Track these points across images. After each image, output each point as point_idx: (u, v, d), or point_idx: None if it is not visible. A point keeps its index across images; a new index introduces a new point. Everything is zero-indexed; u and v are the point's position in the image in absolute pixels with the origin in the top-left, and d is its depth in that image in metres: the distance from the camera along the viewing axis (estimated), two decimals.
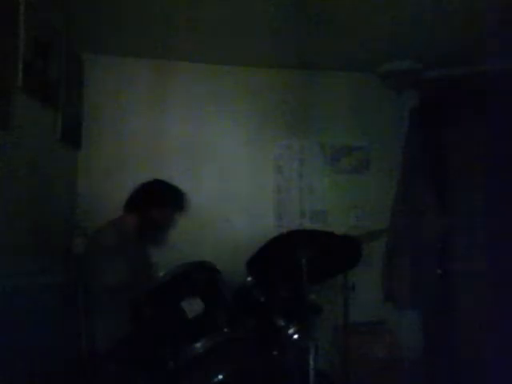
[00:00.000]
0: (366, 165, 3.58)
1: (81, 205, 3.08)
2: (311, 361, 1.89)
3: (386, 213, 3.42)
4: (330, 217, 3.49)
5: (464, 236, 3.42)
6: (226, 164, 3.40)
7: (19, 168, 2.26)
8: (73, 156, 3.10)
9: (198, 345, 1.79)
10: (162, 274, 1.93)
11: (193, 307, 1.85)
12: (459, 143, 3.48)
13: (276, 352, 2.22)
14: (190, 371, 1.81)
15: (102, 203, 2.91)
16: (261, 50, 3.24)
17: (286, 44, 3.12)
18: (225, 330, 1.90)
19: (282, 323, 2.21)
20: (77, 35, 2.90)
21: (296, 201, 3.49)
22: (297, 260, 2.00)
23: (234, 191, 3.37)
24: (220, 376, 1.79)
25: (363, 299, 2.99)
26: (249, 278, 2.35)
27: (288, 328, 2.18)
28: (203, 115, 3.40)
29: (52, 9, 2.53)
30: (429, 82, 3.45)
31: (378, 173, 3.57)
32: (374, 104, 3.60)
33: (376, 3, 2.60)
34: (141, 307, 1.90)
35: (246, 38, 3.05)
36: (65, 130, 2.81)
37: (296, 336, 2.16)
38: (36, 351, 2.25)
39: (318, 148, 3.54)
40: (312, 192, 3.52)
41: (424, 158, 3.41)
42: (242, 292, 2.33)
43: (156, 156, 3.27)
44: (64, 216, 2.90)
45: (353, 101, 3.59)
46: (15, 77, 2.18)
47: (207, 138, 3.39)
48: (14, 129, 2.16)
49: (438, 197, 3.39)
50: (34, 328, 2.25)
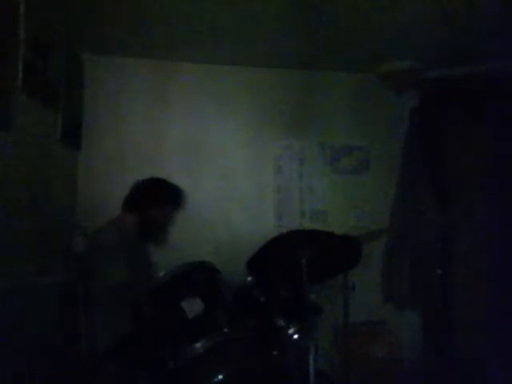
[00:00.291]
0: (366, 165, 3.58)
1: (81, 205, 3.08)
2: (311, 361, 1.89)
3: (386, 213, 3.43)
4: (330, 217, 3.50)
5: (464, 236, 3.42)
6: (226, 164, 3.40)
7: (19, 168, 2.26)
8: (73, 156, 3.10)
9: (198, 345, 1.79)
10: (162, 274, 1.93)
11: (193, 307, 1.85)
12: (459, 143, 3.47)
13: (276, 352, 2.22)
14: (190, 371, 1.81)
15: (102, 203, 2.92)
16: (261, 50, 3.24)
17: (286, 44, 3.12)
18: (225, 330, 1.90)
19: (282, 323, 2.21)
20: (77, 35, 2.91)
21: (296, 201, 3.49)
22: (297, 260, 2.00)
23: (234, 191, 3.37)
24: (220, 376, 1.79)
25: (363, 299, 2.98)
26: (249, 278, 2.35)
27: (288, 328, 2.18)
28: (203, 115, 3.40)
29: (52, 9, 2.53)
30: (429, 82, 3.45)
31: (378, 173, 3.57)
32: (374, 104, 3.60)
33: (376, 3, 2.61)
34: (141, 307, 1.90)
35: (246, 38, 3.05)
36: (65, 130, 2.81)
37: (296, 336, 2.16)
38: (36, 351, 2.25)
39: (318, 148, 3.54)
40: (312, 192, 3.52)
41: (424, 158, 3.42)
42: (242, 292, 2.33)
43: (156, 156, 3.27)
44: (64, 216, 2.90)
45: (353, 101, 3.59)
46: (15, 77, 2.18)
47: (207, 138, 3.39)
48: (14, 129, 2.16)
49: (438, 197, 3.39)
50: (34, 328, 2.25)
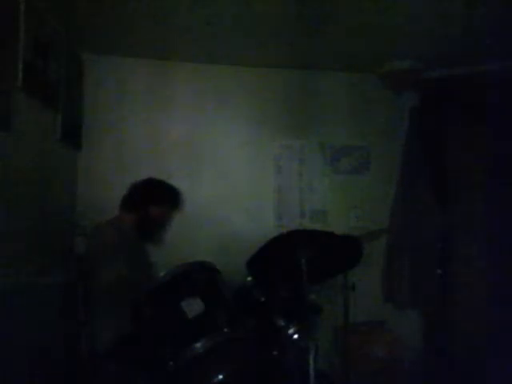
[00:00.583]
0: (366, 165, 3.58)
1: (81, 205, 3.08)
2: (311, 361, 1.89)
3: (386, 213, 3.43)
4: (330, 217, 3.50)
5: (464, 236, 3.42)
6: (226, 164, 3.40)
7: (19, 168, 2.26)
8: (73, 156, 3.10)
9: (198, 345, 1.79)
10: (162, 274, 1.93)
11: (193, 307, 1.84)
12: (459, 143, 3.48)
13: (276, 352, 2.22)
14: (190, 371, 1.81)
15: (102, 203, 2.91)
16: (261, 50, 3.23)
17: (286, 44, 3.12)
18: (225, 330, 1.89)
19: (282, 323, 2.21)
20: (77, 35, 2.91)
21: (296, 201, 3.49)
22: (297, 260, 2.00)
23: (234, 191, 3.37)
24: (220, 376, 1.79)
25: (363, 299, 2.98)
26: (249, 278, 2.35)
27: (288, 328, 2.18)
28: (203, 115, 3.40)
29: (52, 9, 2.53)
30: (429, 82, 3.45)
31: (378, 173, 3.57)
32: (374, 104, 3.60)
33: (376, 3, 2.61)
34: (141, 307, 1.90)
35: (246, 38, 3.05)
36: (65, 130, 2.81)
37: (296, 336, 2.16)
38: (36, 351, 2.25)
39: (318, 148, 3.54)
40: (312, 192, 3.51)
41: (424, 158, 3.41)
42: (242, 292, 2.33)
43: (156, 156, 3.27)
44: (64, 216, 2.91)
45: (353, 101, 3.59)
46: (15, 77, 2.18)
47: (207, 138, 3.39)
48: (14, 129, 2.16)
49: (438, 197, 3.39)
50: (34, 328, 2.25)
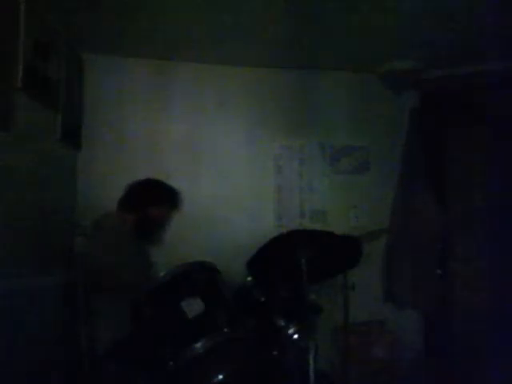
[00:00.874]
0: (366, 165, 3.57)
1: (81, 205, 3.08)
2: (311, 361, 1.89)
3: (386, 213, 3.43)
4: (330, 217, 3.49)
5: (464, 236, 3.42)
6: (226, 164, 3.40)
7: (19, 168, 2.26)
8: (73, 156, 3.10)
9: (198, 345, 1.79)
10: (162, 274, 1.93)
11: (193, 307, 1.85)
12: (459, 143, 3.48)
13: (276, 352, 2.22)
14: (190, 371, 1.81)
15: (102, 203, 2.91)
16: (261, 50, 3.23)
17: (286, 44, 3.11)
18: (225, 330, 1.90)
19: (282, 323, 2.21)
20: (77, 35, 2.91)
21: (296, 201, 3.49)
22: (297, 260, 2.00)
23: (234, 191, 3.37)
24: (220, 376, 1.79)
25: (363, 299, 2.98)
26: (249, 278, 2.35)
27: (288, 328, 2.18)
28: (203, 115, 3.40)
29: (52, 9, 2.53)
30: (429, 82, 3.45)
31: (378, 173, 3.56)
32: (374, 104, 3.59)
33: (376, 3, 2.60)
34: (141, 307, 1.91)
35: (246, 38, 3.05)
36: (65, 130, 2.81)
37: (296, 336, 2.16)
38: (36, 351, 2.25)
39: (318, 148, 3.53)
40: (312, 192, 3.51)
41: (424, 158, 3.41)
42: (242, 292, 2.33)
43: (156, 156, 3.27)
44: (64, 216, 2.90)
45: (353, 101, 3.59)
46: (15, 77, 2.19)
47: (207, 138, 3.39)
48: (14, 129, 2.16)
49: (438, 197, 3.39)
50: (34, 328, 2.25)
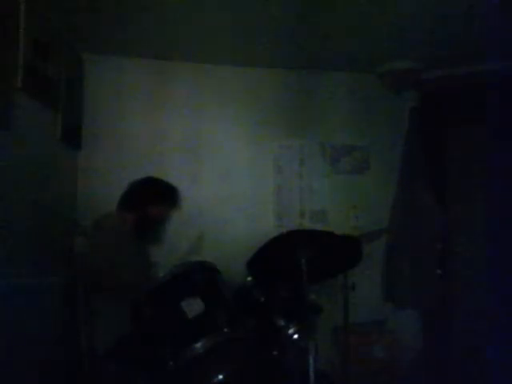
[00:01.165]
0: (366, 165, 3.58)
1: (81, 205, 3.08)
2: (311, 361, 1.89)
3: (386, 213, 3.43)
4: (330, 217, 3.49)
5: (464, 236, 3.42)
6: (226, 164, 3.40)
7: (19, 168, 2.26)
8: (73, 156, 3.10)
9: (198, 345, 1.79)
10: (162, 274, 1.93)
11: (193, 307, 1.85)
12: (459, 143, 3.48)
13: (276, 352, 2.22)
14: (190, 371, 1.81)
15: (102, 203, 2.91)
16: (261, 50, 3.23)
17: (286, 44, 3.11)
18: (225, 330, 1.90)
19: (282, 323, 2.21)
20: (77, 35, 2.91)
21: (296, 201, 3.49)
22: (297, 260, 2.00)
23: (234, 191, 3.37)
24: (220, 376, 1.80)
25: (363, 299, 2.98)
26: (249, 278, 2.35)
27: (288, 328, 2.18)
28: (203, 115, 3.39)
29: (52, 9, 2.53)
30: (429, 82, 3.45)
31: (378, 173, 3.57)
32: (374, 104, 3.60)
33: (376, 3, 2.61)
34: (141, 307, 1.91)
35: (246, 38, 3.05)
36: (65, 130, 2.81)
37: (296, 336, 2.16)
38: (36, 351, 2.25)
39: (318, 148, 3.54)
40: (312, 192, 3.51)
41: (424, 158, 3.41)
42: (242, 292, 2.33)
43: (156, 156, 3.27)
44: (64, 216, 2.90)
45: (353, 101, 3.59)
46: (15, 77, 2.18)
47: (207, 138, 3.39)
48: (14, 129, 2.16)
49: (438, 197, 3.39)
50: (34, 328, 2.25)
